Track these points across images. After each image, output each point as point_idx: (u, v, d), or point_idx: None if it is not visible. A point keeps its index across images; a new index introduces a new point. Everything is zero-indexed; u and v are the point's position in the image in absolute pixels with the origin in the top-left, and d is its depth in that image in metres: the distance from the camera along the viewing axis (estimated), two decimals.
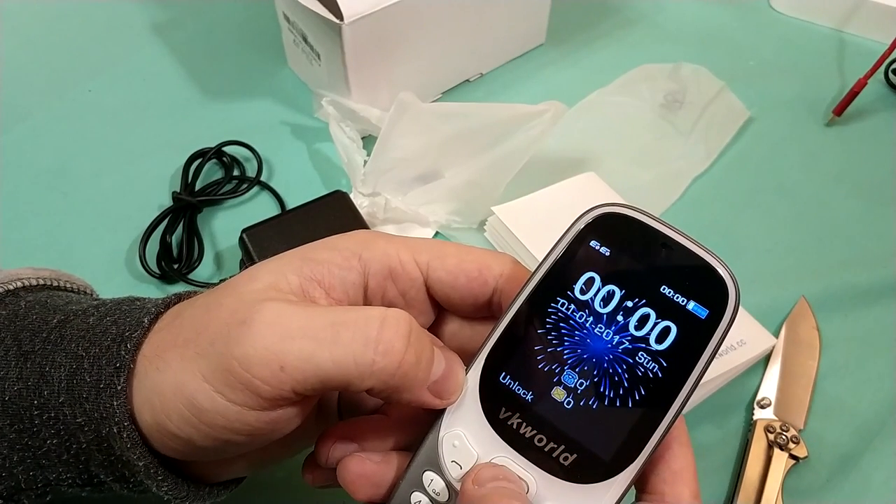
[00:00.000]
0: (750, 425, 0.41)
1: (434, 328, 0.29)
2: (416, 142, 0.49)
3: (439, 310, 0.29)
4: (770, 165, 0.54)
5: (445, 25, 0.53)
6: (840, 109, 0.56)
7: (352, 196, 0.47)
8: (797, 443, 0.39)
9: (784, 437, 0.39)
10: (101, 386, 0.24)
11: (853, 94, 0.55)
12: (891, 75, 0.59)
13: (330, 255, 0.26)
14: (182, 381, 0.23)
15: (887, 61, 0.56)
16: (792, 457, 0.39)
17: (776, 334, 0.44)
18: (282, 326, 0.22)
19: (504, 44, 0.60)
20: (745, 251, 0.49)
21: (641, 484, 0.25)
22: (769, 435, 0.39)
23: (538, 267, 0.25)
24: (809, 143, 0.56)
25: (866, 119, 0.57)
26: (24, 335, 0.27)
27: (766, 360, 0.43)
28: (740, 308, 0.39)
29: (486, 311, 0.27)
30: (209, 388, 0.23)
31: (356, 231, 0.27)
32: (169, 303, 0.27)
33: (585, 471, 0.23)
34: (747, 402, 0.42)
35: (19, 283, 0.30)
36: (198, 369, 0.23)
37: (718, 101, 0.57)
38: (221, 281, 0.45)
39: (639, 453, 0.23)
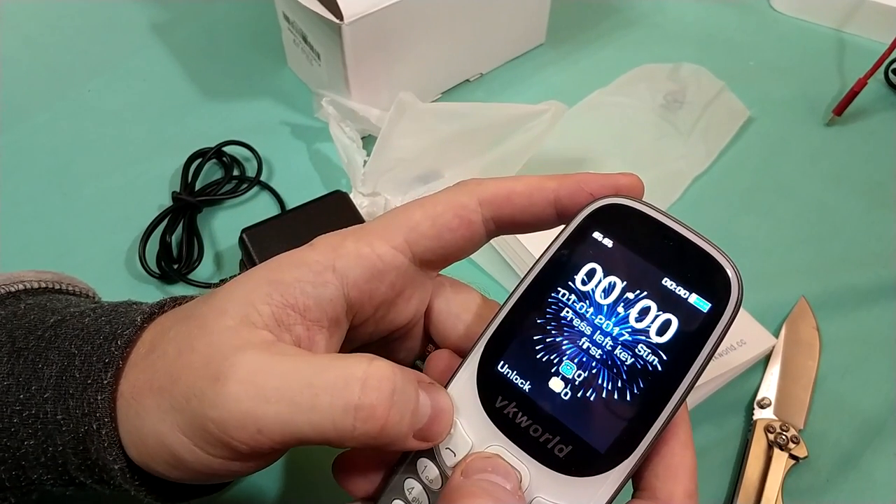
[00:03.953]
0: (750, 425, 0.41)
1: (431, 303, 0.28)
2: (416, 142, 0.49)
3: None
4: (770, 165, 0.54)
5: (445, 25, 0.53)
6: (840, 109, 0.56)
7: (352, 196, 0.47)
8: (797, 443, 0.39)
9: (784, 437, 0.39)
10: (89, 381, 0.24)
11: (853, 94, 0.55)
12: (891, 75, 0.59)
13: (299, 272, 0.24)
14: (161, 432, 0.23)
15: (887, 61, 0.56)
16: (792, 457, 0.39)
17: (776, 334, 0.44)
18: (257, 386, 0.21)
19: (504, 44, 0.60)
20: (745, 251, 0.49)
21: (636, 480, 0.24)
22: (769, 435, 0.39)
23: (540, 257, 0.25)
24: (809, 143, 0.56)
25: (866, 119, 0.57)
26: (19, 333, 0.26)
27: (766, 360, 0.43)
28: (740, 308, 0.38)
29: (488, 238, 0.27)
30: (188, 442, 0.22)
31: (320, 238, 0.25)
32: (163, 304, 0.26)
33: (580, 463, 0.23)
34: (747, 402, 0.42)
35: (21, 286, 0.30)
36: (175, 423, 0.22)
37: (718, 101, 0.57)
38: (222, 281, 0.45)
39: (635, 448, 0.23)
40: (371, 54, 0.50)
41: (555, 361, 0.24)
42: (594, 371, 0.24)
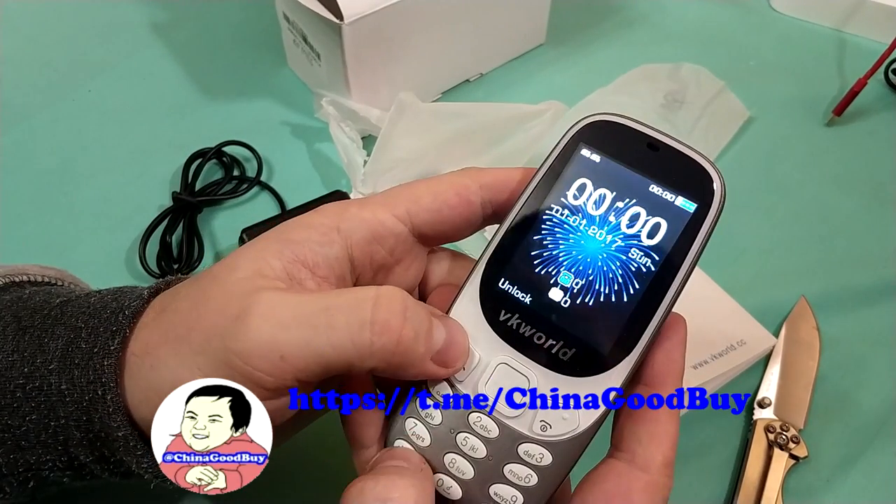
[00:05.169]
0: (750, 425, 0.41)
1: (428, 274, 0.29)
2: (416, 142, 0.49)
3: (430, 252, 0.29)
4: (770, 165, 0.54)
5: (445, 25, 0.53)
6: (840, 109, 0.56)
7: (352, 196, 0.47)
8: (797, 443, 0.39)
9: (784, 437, 0.39)
10: (95, 350, 0.24)
11: (853, 94, 0.55)
12: (891, 75, 0.59)
13: (307, 233, 0.25)
14: (180, 377, 0.23)
15: (887, 61, 0.56)
16: (792, 457, 0.39)
17: (776, 334, 0.44)
18: (276, 317, 0.23)
19: (504, 44, 0.60)
20: (745, 251, 0.49)
21: (617, 441, 0.25)
22: (769, 435, 0.39)
23: (532, 178, 0.26)
24: (809, 143, 0.56)
25: (866, 119, 0.57)
26: (25, 313, 0.27)
27: (766, 360, 0.43)
28: (740, 308, 0.39)
29: (484, 223, 0.28)
30: None
31: (326, 205, 0.27)
32: (169, 281, 0.27)
33: (584, 364, 0.24)
34: (747, 402, 0.42)
35: (25, 278, 0.31)
36: (196, 366, 0.23)
37: (718, 101, 0.57)
38: None
39: (635, 345, 0.24)
40: (371, 54, 0.50)
41: (553, 273, 0.25)
42: (591, 278, 0.25)
